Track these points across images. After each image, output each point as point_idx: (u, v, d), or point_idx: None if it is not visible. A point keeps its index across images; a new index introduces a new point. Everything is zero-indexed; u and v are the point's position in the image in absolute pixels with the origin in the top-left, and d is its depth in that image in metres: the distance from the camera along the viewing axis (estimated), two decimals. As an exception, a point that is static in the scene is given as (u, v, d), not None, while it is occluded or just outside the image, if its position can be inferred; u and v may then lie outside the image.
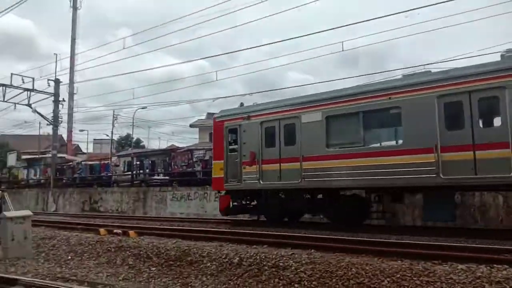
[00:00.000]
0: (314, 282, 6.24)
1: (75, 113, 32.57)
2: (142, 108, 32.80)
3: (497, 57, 9.85)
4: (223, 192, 13.93)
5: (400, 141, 10.53)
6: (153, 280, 7.20)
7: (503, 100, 8.93)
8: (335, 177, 11.17)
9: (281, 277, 6.59)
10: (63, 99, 28.97)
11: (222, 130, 13.83)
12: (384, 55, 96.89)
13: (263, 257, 7.31)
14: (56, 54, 30.47)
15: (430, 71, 10.82)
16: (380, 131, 11.62)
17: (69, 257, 9.39)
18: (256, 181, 12.66)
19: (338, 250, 7.59)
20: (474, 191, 11.45)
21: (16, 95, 26.88)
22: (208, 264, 7.62)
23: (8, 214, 10.04)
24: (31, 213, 10.42)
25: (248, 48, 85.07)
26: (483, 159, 9.02)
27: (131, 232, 11.02)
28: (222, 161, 13.62)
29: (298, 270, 6.61)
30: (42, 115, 28.86)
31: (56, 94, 28.60)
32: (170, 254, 8.35)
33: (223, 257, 7.72)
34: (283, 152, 12.24)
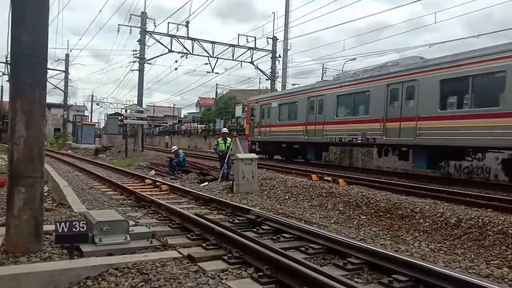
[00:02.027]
0: (556, 258, 5.28)
1: (288, 68, 34.79)
2: (351, 60, 32.50)
3: None
4: (249, 142, 24.63)
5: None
6: (363, 228, 7.41)
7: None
8: (282, 136, 21.16)
9: (510, 245, 5.81)
10: (279, 55, 31.25)
11: (249, 108, 25.35)
12: None
13: (487, 221, 6.56)
14: (274, 13, 32.65)
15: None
16: (297, 112, 19.87)
17: (287, 197, 10.49)
18: (258, 136, 23.54)
19: None
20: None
21: (241, 54, 30.45)
22: (421, 221, 7.33)
23: (240, 155, 11.83)
24: (257, 156, 12.01)
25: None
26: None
27: (341, 181, 11.48)
28: (248, 125, 24.92)
29: (534, 241, 5.69)
30: (262, 71, 32.02)
31: (273, 51, 31.10)
32: (380, 205, 8.38)
33: (438, 215, 7.28)
34: (267, 122, 22.49)
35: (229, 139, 14.24)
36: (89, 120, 59.34)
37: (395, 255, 4.44)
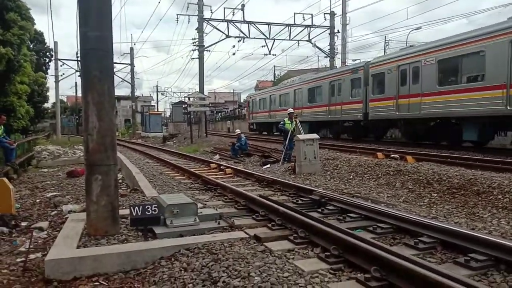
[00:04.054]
0: None
1: (348, 43, 33.67)
2: (416, 30, 30.62)
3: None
4: (248, 123, 36.89)
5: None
6: (435, 206, 7.05)
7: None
8: (260, 119, 33.48)
9: None
10: (338, 30, 30.31)
11: (248, 102, 37.14)
12: None
13: None
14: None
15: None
16: (267, 104, 31.46)
17: (351, 177, 10.25)
18: (252, 120, 35.22)
19: None
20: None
21: (298, 33, 29.94)
22: (500, 197, 6.80)
23: (300, 136, 11.74)
24: (318, 137, 11.84)
25: None
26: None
27: (409, 158, 10.98)
28: (247, 112, 37.29)
29: None
30: (320, 48, 31.33)
31: (331, 27, 30.23)
32: (453, 181, 7.90)
33: (519, 190, 6.72)
34: (259, 109, 33.20)
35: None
36: (156, 110, 62.17)
37: (471, 233, 4.18)
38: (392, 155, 11.74)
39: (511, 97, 11.60)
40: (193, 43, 29.62)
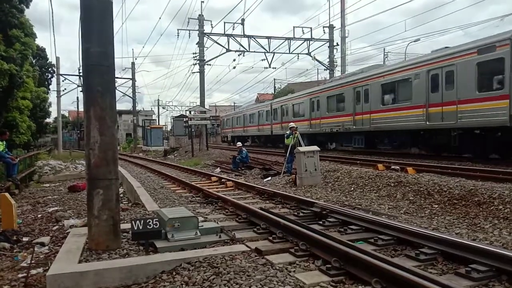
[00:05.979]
0: None
1: (347, 56, 33.93)
2: (415, 41, 30.84)
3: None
4: (221, 136, 50.27)
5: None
6: (436, 217, 7.04)
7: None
8: (230, 133, 44.09)
9: None
10: (337, 43, 30.57)
11: (220, 120, 50.89)
12: None
13: None
14: (329, 0, 32.14)
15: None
16: (242, 121, 39.42)
17: (352, 189, 10.25)
18: (223, 134, 48.24)
19: None
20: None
21: (298, 46, 30.21)
22: (501, 207, 6.80)
23: (301, 149, 11.77)
24: (319, 149, 11.86)
25: None
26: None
27: (409, 169, 10.99)
28: (221, 128, 51.95)
29: None
30: (319, 61, 31.57)
31: (330, 40, 30.52)
32: (454, 192, 7.90)
33: (520, 200, 6.71)
34: (226, 126, 45.82)
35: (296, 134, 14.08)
36: (157, 124, 62.34)
37: (473, 244, 4.19)
38: (393, 167, 11.75)
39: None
40: (193, 57, 29.93)
